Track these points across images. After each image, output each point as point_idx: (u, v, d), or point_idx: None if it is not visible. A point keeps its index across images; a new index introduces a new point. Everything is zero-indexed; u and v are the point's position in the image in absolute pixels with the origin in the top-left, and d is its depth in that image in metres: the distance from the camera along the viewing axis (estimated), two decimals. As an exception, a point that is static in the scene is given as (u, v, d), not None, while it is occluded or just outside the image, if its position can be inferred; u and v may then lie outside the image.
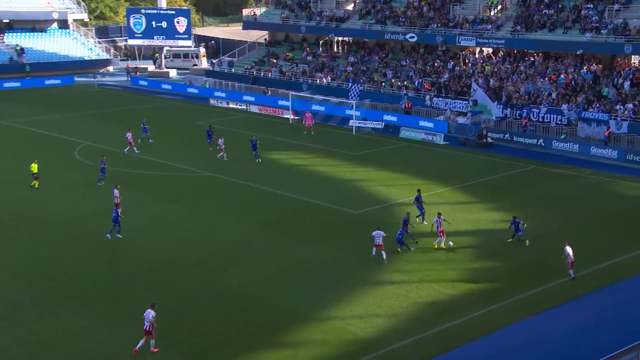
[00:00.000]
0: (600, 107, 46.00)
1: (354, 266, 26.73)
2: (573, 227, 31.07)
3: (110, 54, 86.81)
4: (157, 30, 78.89)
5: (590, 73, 49.70)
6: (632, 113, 44.56)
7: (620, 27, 48.98)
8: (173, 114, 59.36)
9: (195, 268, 26.52)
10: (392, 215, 32.55)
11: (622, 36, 48.34)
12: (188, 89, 70.31)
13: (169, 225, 31.05)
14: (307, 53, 68.66)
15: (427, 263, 26.90)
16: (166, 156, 43.51)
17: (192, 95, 68.48)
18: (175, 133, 50.99)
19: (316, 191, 36.44)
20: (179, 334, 21.66)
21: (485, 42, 55.77)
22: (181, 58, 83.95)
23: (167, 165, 41.67)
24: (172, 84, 73.18)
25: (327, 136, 49.87)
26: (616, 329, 21.81)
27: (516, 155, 44.36)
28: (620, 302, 23.83)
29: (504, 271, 26.30)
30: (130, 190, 35.79)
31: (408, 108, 54.69)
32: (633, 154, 42.21)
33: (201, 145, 46.63)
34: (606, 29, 49.63)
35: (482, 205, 34.17)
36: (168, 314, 22.82)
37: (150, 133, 47.94)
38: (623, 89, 47.02)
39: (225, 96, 65.78)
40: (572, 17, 52.45)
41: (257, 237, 29.80)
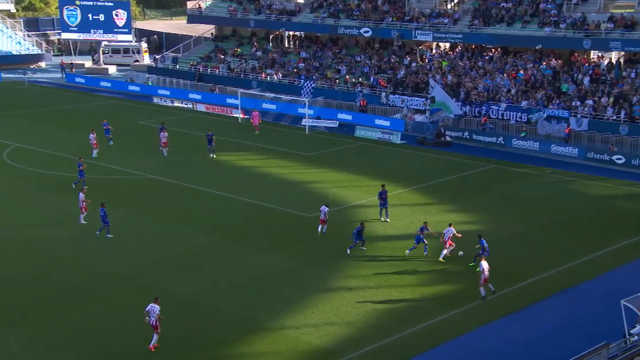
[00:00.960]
0: (559, 103, 47.04)
1: (308, 272, 26.69)
2: (534, 228, 31.67)
3: (42, 49, 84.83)
4: (94, 24, 77.42)
5: (549, 69, 50.82)
6: (592, 110, 45.72)
7: (578, 22, 50.25)
8: (113, 114, 58.28)
9: (139, 278, 26.07)
10: (348, 218, 32.61)
11: (581, 31, 49.60)
12: (129, 87, 69.25)
13: (112, 232, 30.44)
14: (257, 48, 68.42)
15: (385, 267, 27.02)
16: (106, 158, 42.71)
17: (134, 94, 67.48)
18: (116, 134, 50.10)
19: (268, 194, 36.29)
20: (127, 348, 21.24)
21: (443, 36, 56.47)
22: (121, 53, 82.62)
23: (107, 168, 40.90)
24: (112, 82, 71.98)
25: (279, 136, 49.78)
26: (579, 332, 22.30)
27: (476, 154, 45.00)
28: (582, 305, 24.37)
29: (464, 275, 26.60)
30: (69, 196, 35.00)
31: (363, 106, 54.97)
32: (594, 152, 43.30)
33: (144, 146, 45.94)
34: (565, 24, 50.87)
35: (442, 207, 34.54)
36: (112, 328, 22.37)
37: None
38: (583, 85, 48.24)
39: (170, 94, 65.02)
40: (531, 11, 53.57)
41: (205, 243, 29.48)
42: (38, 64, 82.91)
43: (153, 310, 21.30)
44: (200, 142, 47.98)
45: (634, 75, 47.41)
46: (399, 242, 29.83)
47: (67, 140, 47.88)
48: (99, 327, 22.47)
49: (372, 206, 34.29)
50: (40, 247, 28.94)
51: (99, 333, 22.13)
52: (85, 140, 44.68)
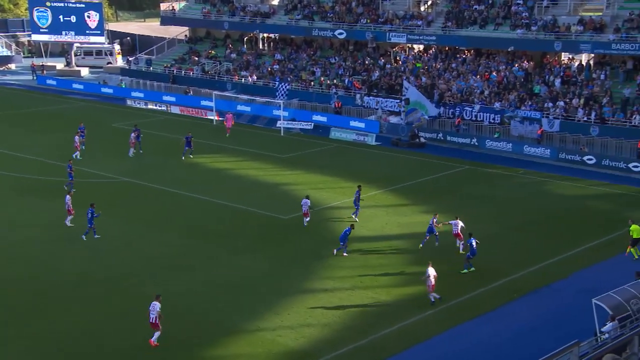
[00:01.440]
0: (532, 104, 47.60)
1: (283, 274, 26.70)
2: (507, 229, 31.99)
3: (11, 50, 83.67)
4: (65, 25, 76.52)
5: (521, 70, 51.40)
6: (563, 111, 46.33)
7: (549, 24, 50.90)
8: (86, 116, 57.74)
9: (113, 281, 25.88)
10: (323, 219, 32.67)
11: (552, 33, 50.24)
12: (102, 89, 68.69)
13: (89, 236, 30.18)
14: (231, 50, 68.24)
15: (360, 269, 27.12)
16: (80, 161, 42.28)
17: (107, 96, 66.94)
18: (89, 136, 49.66)
19: (243, 196, 36.21)
20: (102, 350, 21.05)
21: (416, 38, 56.82)
22: (93, 55, 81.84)
23: (80, 171, 40.51)
24: (84, 84, 71.35)
25: (254, 138, 49.69)
26: (552, 331, 22.57)
27: (450, 155, 45.33)
28: (555, 304, 24.67)
29: (438, 275, 26.73)
30: (41, 200, 34.64)
31: (338, 108, 55.10)
32: (565, 153, 43.86)
33: (119, 148, 45.61)
34: (536, 26, 51.48)
35: (416, 208, 34.74)
36: (85, 331, 22.18)
37: (63, 137, 46.56)
38: (554, 87, 48.86)
39: (144, 96, 64.62)
40: (503, 13, 54.14)
41: (180, 246, 29.35)
42: (8, 65, 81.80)
43: (154, 307, 21.69)
44: (174, 144, 47.77)
45: (604, 77, 48.18)
46: (374, 243, 29.96)
47: (38, 143, 47.36)
48: (74, 329, 22.26)
49: (347, 208, 34.39)
50: (17, 250, 28.58)
51: (74, 335, 21.91)
52: (57, 142, 44.39)
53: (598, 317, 19.77)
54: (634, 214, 33.68)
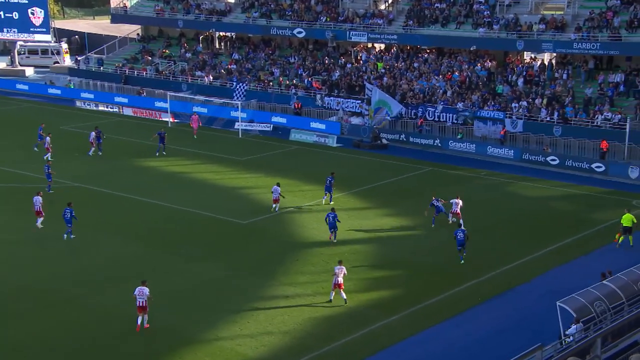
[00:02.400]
0: (495, 104, 48.30)
1: (242, 281, 26.61)
2: (471, 231, 32.34)
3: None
4: (7, 22, 74.69)
5: (484, 70, 52.13)
6: (526, 111, 47.11)
7: (511, 23, 51.73)
8: (31, 118, 56.69)
9: (60, 292, 25.45)
10: (283, 223, 32.64)
11: (514, 32, 51.04)
12: (49, 90, 67.49)
13: (30, 245, 29.66)
14: (186, 50, 67.75)
15: (322, 274, 27.15)
16: (24, 165, 41.50)
17: (54, 97, 65.82)
18: (35, 139, 48.78)
19: (200, 201, 36.00)
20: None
21: (377, 37, 57.17)
22: (39, 54, 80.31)
23: (25, 176, 39.76)
24: (29, 84, 70.03)
25: (211, 140, 49.41)
26: (518, 334, 22.91)
27: (412, 156, 45.69)
28: (520, 307, 25.07)
29: (402, 280, 27.02)
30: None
31: (298, 109, 55.12)
32: (529, 154, 44.58)
33: (68, 152, 44.91)
34: (498, 25, 52.28)
35: (378, 211, 34.94)
36: (16, 347, 21.75)
37: (6, 141, 45.63)
38: (517, 86, 49.66)
39: (94, 97, 63.74)
40: (464, 11, 54.85)
41: (131, 254, 29.02)
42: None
43: (142, 292, 23.09)
44: (128, 147, 47.26)
45: (566, 77, 49.14)
46: (335, 247, 30.03)
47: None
48: (19, 344, 21.82)
49: (309, 212, 34.44)
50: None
51: (3, 351, 21.49)
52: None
53: (562, 320, 20.15)
54: (597, 215, 34.48)
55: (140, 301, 23.10)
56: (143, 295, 23.13)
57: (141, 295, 23.14)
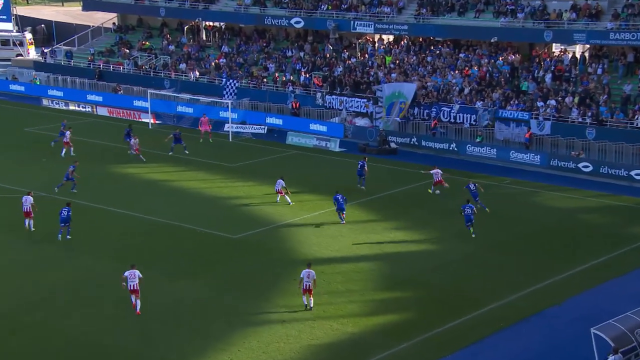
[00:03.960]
0: (519, 104, 48.31)
1: (233, 303, 26.59)
2: (490, 247, 32.34)
3: None
4: None
5: (507, 64, 52.19)
6: (555, 111, 47.11)
7: (538, 11, 51.83)
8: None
9: (23, 315, 25.41)
10: (280, 238, 32.64)
11: (541, 21, 51.13)
12: (11, 86, 67.77)
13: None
14: (169, 41, 67.88)
15: (322, 296, 27.11)
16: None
17: (17, 94, 66.09)
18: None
19: (184, 212, 35.99)
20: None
21: (385, 27, 57.27)
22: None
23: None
24: (-12, 80, 70.32)
25: (198, 144, 49.42)
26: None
27: (425, 162, 45.47)
28: (548, 333, 24.98)
29: (413, 302, 26.97)
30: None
31: (295, 108, 55.17)
32: (557, 159, 44.57)
33: (33, 157, 44.94)
34: (523, 13, 52.37)
35: (386, 224, 34.91)
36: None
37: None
38: (544, 83, 49.70)
39: (63, 95, 63.95)
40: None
41: (105, 271, 28.96)
42: None
43: (133, 274, 25.26)
44: (102, 152, 47.33)
45: (600, 72, 49.08)
46: (338, 265, 30.04)
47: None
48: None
49: (308, 225, 34.44)
50: None
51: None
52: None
53: (598, 350, 20.08)
54: (636, 229, 34.41)
55: (132, 284, 25.18)
56: (135, 278, 25.24)
57: (132, 278, 25.22)
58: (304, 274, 26.01)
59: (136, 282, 25.34)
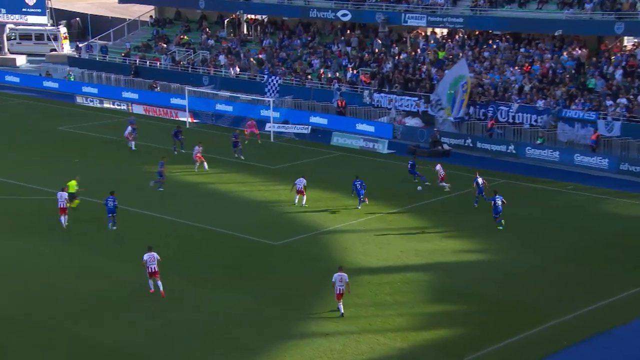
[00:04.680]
0: (585, 103, 47.70)
1: (272, 314, 26.57)
2: (553, 259, 31.90)
3: None
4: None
5: (572, 60, 51.56)
6: (625, 110, 46.40)
7: (608, 1, 51.05)
8: (23, 117, 57.81)
9: (55, 326, 25.66)
10: (323, 245, 32.56)
11: (611, 12, 50.40)
12: (44, 83, 68.78)
13: (14, 267, 30.22)
14: (208, 36, 68.41)
15: (368, 308, 27.01)
16: (14, 174, 42.19)
17: (51, 91, 67.04)
18: (29, 144, 49.66)
19: (222, 217, 36.12)
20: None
21: (439, 20, 56.97)
22: (32, 40, 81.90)
23: (15, 186, 40.41)
24: (21, 76, 71.60)
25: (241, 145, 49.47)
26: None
27: (480, 166, 45.14)
28: (617, 354, 24.52)
29: (466, 316, 26.68)
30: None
31: (341, 107, 55.14)
32: (628, 163, 43.96)
33: (66, 158, 45.52)
34: (591, 3, 51.65)
35: (438, 232, 34.71)
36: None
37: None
38: (614, 80, 48.98)
39: (98, 92, 64.72)
40: (548, -12, 54.42)
41: (141, 279, 29.16)
42: None
43: (152, 257, 27.24)
44: (138, 152, 47.77)
45: (677, 68, 48.25)
46: (386, 275, 29.90)
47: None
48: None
49: (353, 231, 34.33)
50: None
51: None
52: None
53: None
54: None
55: (152, 267, 27.22)
56: (154, 261, 27.24)
57: (152, 261, 27.23)
58: (336, 277, 26.31)
59: (155, 265, 27.20)
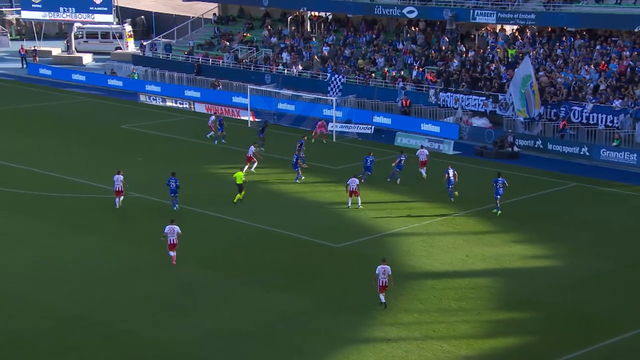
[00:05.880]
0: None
1: (334, 318, 26.60)
2: (628, 266, 31.37)
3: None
4: (64, 0, 77.92)
5: (651, 58, 50.70)
6: None
7: (691, -5, 50.04)
8: (89, 115, 58.94)
9: (113, 324, 26.12)
10: (385, 248, 32.50)
11: (694, 7, 49.34)
12: (109, 81, 70.09)
13: (78, 266, 30.78)
14: (271, 33, 68.85)
15: (432, 313, 26.88)
16: (79, 172, 43.06)
17: (115, 90, 68.27)
18: (94, 141, 50.62)
19: (283, 217, 36.33)
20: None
21: (509, 17, 56.42)
22: (99, 39, 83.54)
23: (79, 184, 41.20)
24: (87, 74, 73.00)
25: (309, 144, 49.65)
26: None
27: (551, 168, 44.82)
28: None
29: (535, 325, 26.38)
30: (26, 218, 35.35)
31: (406, 107, 54.99)
32: None
33: (129, 156, 46.27)
34: (673, -2, 50.69)
35: (506, 236, 34.38)
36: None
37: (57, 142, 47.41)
38: (697, 79, 47.95)
39: (161, 91, 65.69)
40: (627, -19, 53.48)
41: (197, 279, 29.56)
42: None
43: (172, 230, 29.91)
44: (198, 151, 48.27)
45: None
46: (451, 280, 29.72)
47: (27, 148, 48.43)
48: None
49: (416, 234, 34.25)
50: None
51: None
52: (51, 147, 45.12)
53: None
54: None
55: (171, 239, 29.91)
56: (174, 233, 29.91)
57: (172, 233, 29.92)
58: (379, 270, 26.96)
59: (175, 237, 29.86)
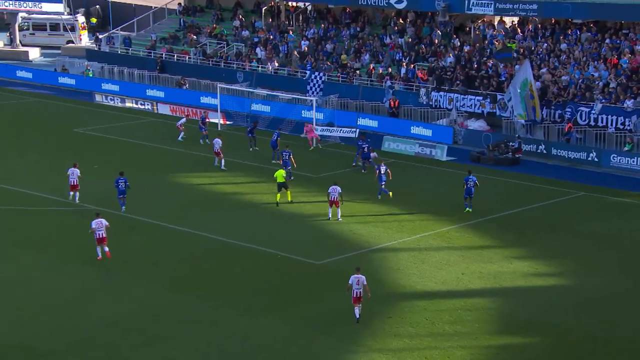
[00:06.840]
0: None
1: (315, 343, 26.68)
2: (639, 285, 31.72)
3: None
4: None
5: (666, 53, 51.13)
6: None
7: None
8: (36, 118, 58.64)
9: (66, 357, 26.09)
10: (372, 265, 32.64)
11: None
12: (60, 79, 69.85)
13: (35, 287, 30.62)
14: (243, 25, 68.82)
15: (424, 338, 26.97)
16: (27, 182, 42.97)
17: (67, 89, 68.11)
18: (43, 147, 50.44)
19: (259, 231, 36.39)
20: None
21: (509, 8, 56.55)
22: (47, 31, 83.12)
23: (29, 195, 41.12)
24: (34, 71, 72.70)
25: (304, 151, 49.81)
26: None
27: (556, 176, 45.07)
28: None
29: (540, 350, 26.55)
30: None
31: (394, 108, 55.17)
32: None
33: (84, 164, 46.15)
34: (691, -15, 51.13)
35: (506, 252, 34.57)
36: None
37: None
38: None
39: (119, 90, 65.53)
40: (638, -32, 53.92)
41: (166, 303, 29.50)
42: None
43: (101, 223, 31.56)
44: (163, 158, 48.24)
45: None
46: (445, 301, 29.86)
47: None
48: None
49: (407, 250, 34.42)
50: None
51: None
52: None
53: None
54: None
55: (99, 233, 31.52)
56: (102, 227, 31.49)
57: (100, 227, 31.46)
58: (352, 279, 27.44)
59: (103, 231, 31.44)
